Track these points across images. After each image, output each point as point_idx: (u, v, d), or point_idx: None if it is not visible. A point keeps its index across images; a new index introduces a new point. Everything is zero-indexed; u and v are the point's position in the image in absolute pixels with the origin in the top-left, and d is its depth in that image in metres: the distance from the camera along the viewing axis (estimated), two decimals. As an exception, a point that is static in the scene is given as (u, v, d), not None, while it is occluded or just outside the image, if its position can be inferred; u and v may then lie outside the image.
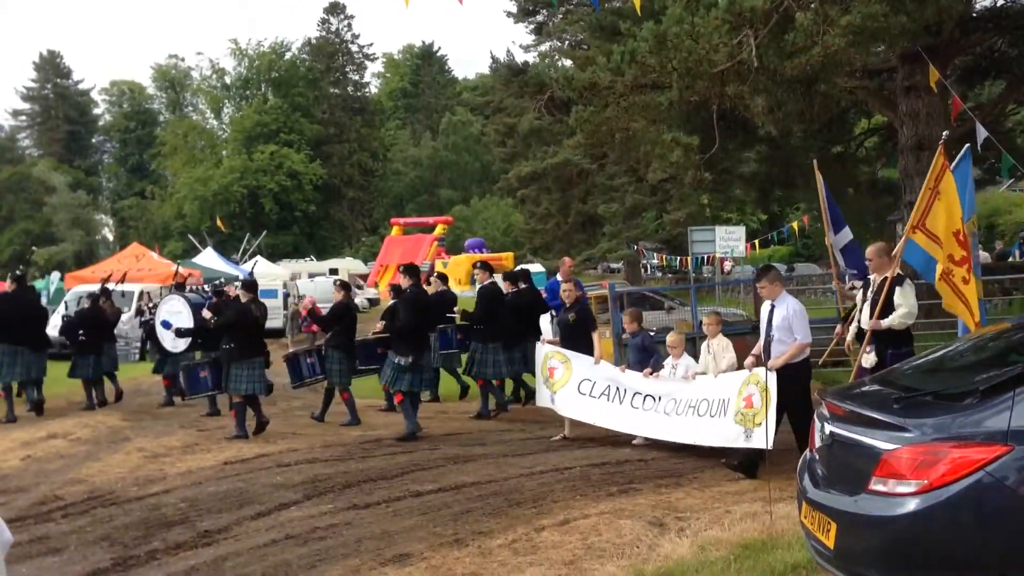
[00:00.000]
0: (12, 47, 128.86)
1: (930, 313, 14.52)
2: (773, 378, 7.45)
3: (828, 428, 4.44)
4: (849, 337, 8.62)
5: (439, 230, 59.05)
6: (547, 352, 10.06)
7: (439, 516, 7.00)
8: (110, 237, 78.73)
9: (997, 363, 4.42)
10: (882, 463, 3.91)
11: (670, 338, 9.63)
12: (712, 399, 8.34)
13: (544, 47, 37.59)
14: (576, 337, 10.01)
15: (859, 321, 8.40)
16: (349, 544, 6.44)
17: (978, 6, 15.06)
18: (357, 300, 42.51)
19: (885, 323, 7.86)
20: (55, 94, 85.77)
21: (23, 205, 71.18)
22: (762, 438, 7.51)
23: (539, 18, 34.15)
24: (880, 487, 3.91)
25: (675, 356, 9.41)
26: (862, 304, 8.42)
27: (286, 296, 29.48)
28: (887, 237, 33.93)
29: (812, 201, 22.65)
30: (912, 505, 3.77)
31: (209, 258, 34.05)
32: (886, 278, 7.98)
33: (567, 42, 33.68)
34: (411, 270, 11.15)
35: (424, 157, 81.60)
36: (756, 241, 32.69)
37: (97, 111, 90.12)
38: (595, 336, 9.92)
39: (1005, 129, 17.40)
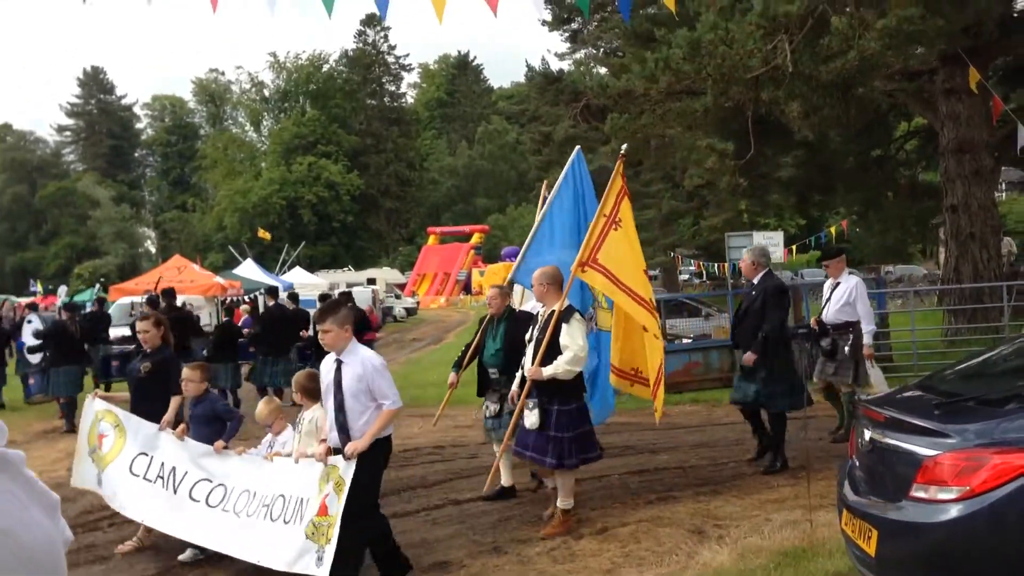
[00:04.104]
0: (57, 64, 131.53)
1: (973, 317, 14.35)
2: (351, 471, 5.47)
3: (868, 434, 4.41)
4: (514, 387, 7.14)
5: (475, 239, 59.31)
6: (97, 412, 7.08)
7: (478, 524, 7.03)
8: (152, 250, 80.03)
9: (1040, 368, 4.37)
10: (923, 469, 3.88)
11: (261, 410, 6.85)
12: (290, 495, 5.86)
13: (579, 55, 37.55)
14: (149, 396, 7.02)
15: (522, 367, 6.96)
16: (389, 552, 6.48)
17: (1019, 6, 14.83)
18: (395, 309, 42.84)
19: (547, 372, 6.44)
20: (99, 109, 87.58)
21: (68, 219, 72.57)
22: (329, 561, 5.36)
23: (574, 26, 34.09)
24: (922, 494, 3.87)
25: (273, 432, 6.78)
26: (527, 345, 7.00)
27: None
28: (929, 242, 33.47)
29: (852, 205, 22.41)
30: (954, 512, 3.73)
31: (249, 269, 34.39)
32: (553, 312, 6.65)
33: (602, 49, 33.63)
34: (167, 293, 13.74)
35: (460, 166, 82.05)
36: (794, 246, 32.42)
37: (139, 126, 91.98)
38: (175, 399, 6.93)
39: (1049, 130, 17.09)
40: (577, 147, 8.62)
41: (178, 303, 14.71)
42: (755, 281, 8.25)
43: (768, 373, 8.02)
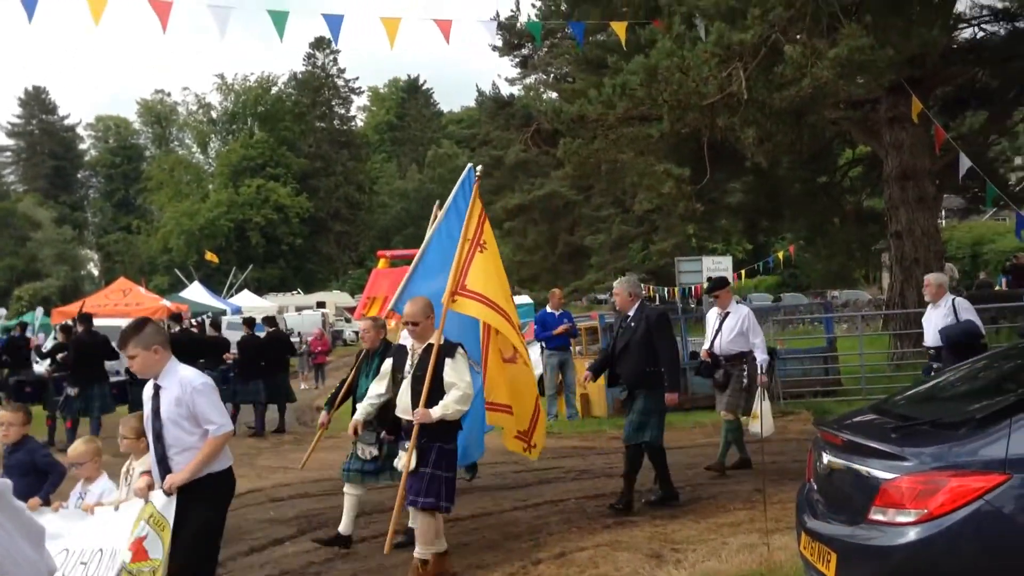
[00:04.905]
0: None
1: (918, 341, 14.62)
2: (172, 508, 4.84)
3: (826, 458, 4.45)
4: (358, 415, 6.67)
5: (426, 262, 58.90)
6: None
7: (434, 551, 6.94)
8: (95, 272, 78.44)
9: (992, 392, 4.45)
10: (881, 492, 3.91)
11: (74, 451, 5.76)
12: (108, 549, 5.10)
13: (529, 80, 37.84)
14: None
15: (369, 404, 6.58)
16: (345, 580, 6.39)
17: (959, 38, 15.30)
18: (345, 332, 42.35)
19: (436, 413, 5.91)
20: (40, 130, 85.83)
21: (8, 241, 70.92)
22: None
23: (524, 51, 34.31)
24: (880, 517, 3.90)
25: (86, 477, 5.67)
26: (400, 381, 6.37)
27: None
28: (872, 267, 34.06)
29: (799, 230, 22.78)
30: (912, 534, 3.77)
31: (197, 292, 33.89)
32: (430, 345, 6.18)
33: (552, 75, 33.92)
34: (84, 318, 13.77)
35: (410, 189, 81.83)
36: (742, 271, 32.88)
37: (83, 146, 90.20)
38: None
39: (988, 159, 17.60)
40: (469, 165, 8.07)
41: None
42: (630, 313, 8.06)
43: (645, 404, 7.83)
